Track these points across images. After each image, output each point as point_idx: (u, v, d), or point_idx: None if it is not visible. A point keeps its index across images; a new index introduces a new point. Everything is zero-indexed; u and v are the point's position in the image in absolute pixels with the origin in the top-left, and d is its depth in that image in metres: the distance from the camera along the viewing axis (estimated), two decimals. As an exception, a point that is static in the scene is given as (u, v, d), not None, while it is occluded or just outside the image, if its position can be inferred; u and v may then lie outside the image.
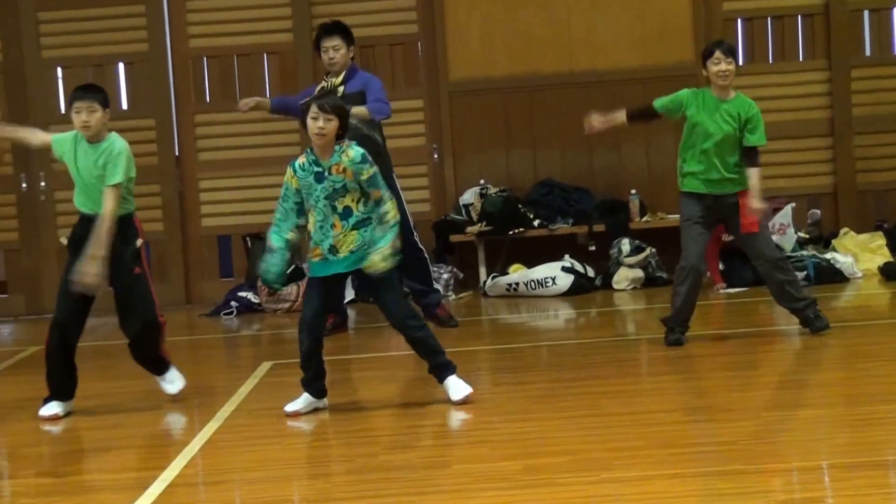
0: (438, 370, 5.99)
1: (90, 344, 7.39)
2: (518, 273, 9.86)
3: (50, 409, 6.16)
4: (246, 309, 9.93)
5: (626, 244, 9.88)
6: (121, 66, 10.88)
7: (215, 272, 10.90)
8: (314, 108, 5.77)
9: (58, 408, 6.17)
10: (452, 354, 6.17)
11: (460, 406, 5.86)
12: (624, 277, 9.77)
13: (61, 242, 6.18)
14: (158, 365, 6.43)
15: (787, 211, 9.65)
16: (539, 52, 10.55)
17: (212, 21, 10.82)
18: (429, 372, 6.03)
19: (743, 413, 5.55)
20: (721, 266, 9.35)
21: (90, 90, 6.19)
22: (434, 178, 10.73)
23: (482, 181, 10.47)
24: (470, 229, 10.20)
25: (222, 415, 6.04)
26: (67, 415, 6.20)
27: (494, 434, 5.41)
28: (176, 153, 10.83)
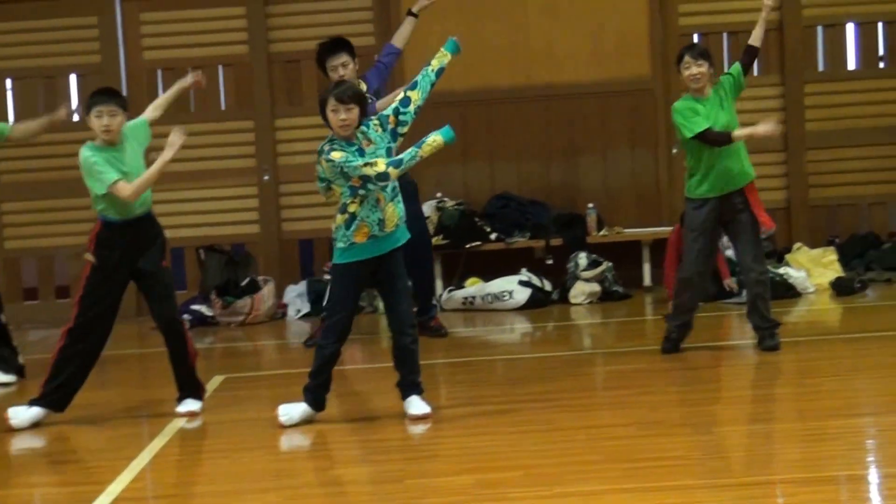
0: (408, 387, 5.93)
1: (40, 356, 7.30)
2: (474, 287, 9.84)
3: None
4: (199, 322, 9.83)
5: (583, 258, 9.88)
6: (73, 78, 10.78)
7: (168, 284, 10.78)
8: (333, 101, 5.72)
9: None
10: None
11: (413, 420, 5.82)
12: (581, 291, 9.76)
13: (87, 258, 6.11)
14: (192, 382, 6.31)
15: (742, 225, 9.67)
16: (497, 66, 10.54)
17: (166, 33, 10.74)
18: (397, 385, 5.97)
19: (696, 428, 5.55)
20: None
21: (111, 94, 6.18)
22: (391, 191, 10.67)
23: (439, 194, 10.44)
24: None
25: (172, 428, 5.97)
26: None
27: (448, 448, 5.39)
28: (129, 165, 10.72)
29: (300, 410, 5.86)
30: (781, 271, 9.42)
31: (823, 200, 10.70)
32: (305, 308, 9.98)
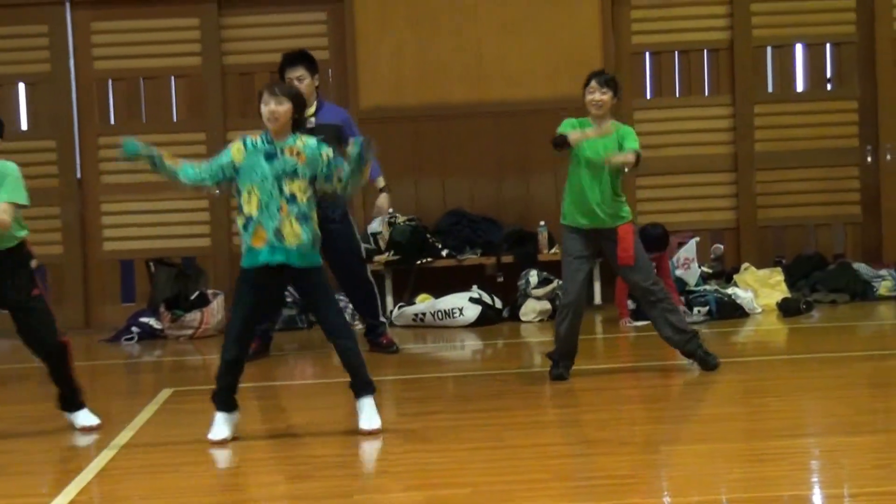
0: (361, 386, 5.91)
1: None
2: (425, 303, 9.84)
3: None
4: (147, 335, 9.77)
5: (534, 276, 9.91)
6: (21, 87, 10.69)
7: (117, 297, 10.73)
8: (265, 94, 5.79)
9: None
10: (355, 384, 6.13)
11: (363, 436, 5.82)
12: (531, 309, 9.80)
13: None
14: (72, 396, 6.26)
15: (692, 245, 9.76)
16: (450, 81, 10.57)
17: (118, 43, 10.68)
18: (350, 386, 5.95)
19: (643, 446, 5.59)
20: (631, 304, 9.32)
21: None
22: (342, 206, 10.66)
23: (391, 210, 10.42)
24: (377, 258, 10.15)
25: (119, 442, 5.93)
26: None
27: (397, 464, 5.38)
28: (78, 175, 10.65)
29: (219, 421, 5.84)
30: (730, 291, 9.50)
31: (771, 221, 10.80)
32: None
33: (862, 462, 5.11)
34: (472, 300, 9.70)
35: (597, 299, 10.24)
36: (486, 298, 9.78)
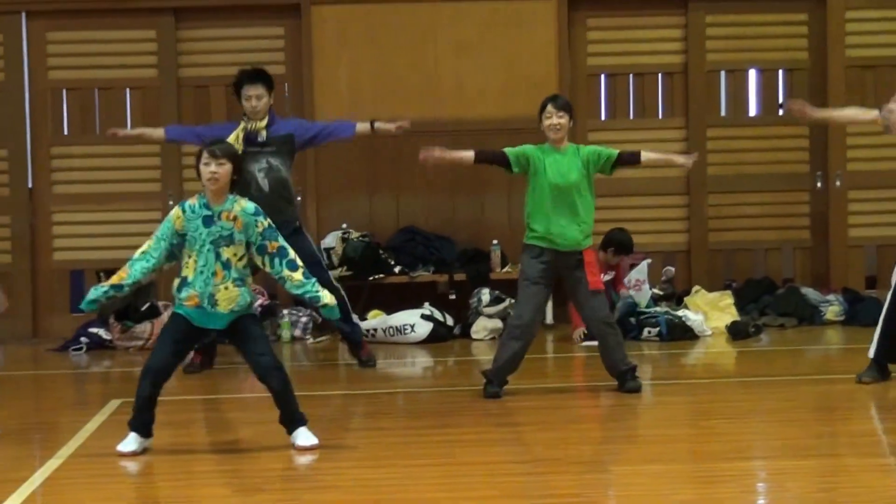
0: (292, 422, 5.94)
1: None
2: (377, 319, 9.83)
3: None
4: (96, 345, 9.69)
5: (486, 294, 9.94)
6: (-26, 96, 10.61)
7: (66, 307, 10.64)
8: (206, 155, 5.82)
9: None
10: (307, 398, 6.15)
11: (312, 451, 5.81)
12: (482, 327, 9.82)
13: None
14: None
15: (643, 267, 9.81)
16: (406, 99, 10.58)
17: (73, 53, 10.61)
18: (280, 422, 5.97)
19: (592, 466, 5.62)
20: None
21: None
22: (295, 221, 10.64)
23: (344, 225, 10.44)
24: (330, 273, 10.11)
25: (65, 451, 5.89)
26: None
27: (345, 480, 5.38)
28: (29, 185, 10.56)
29: (134, 439, 5.85)
30: (680, 314, 9.56)
31: (722, 244, 10.89)
32: (205, 335, 9.88)
33: (808, 486, 5.17)
34: (424, 317, 9.71)
35: (548, 318, 10.26)
36: (438, 316, 9.79)
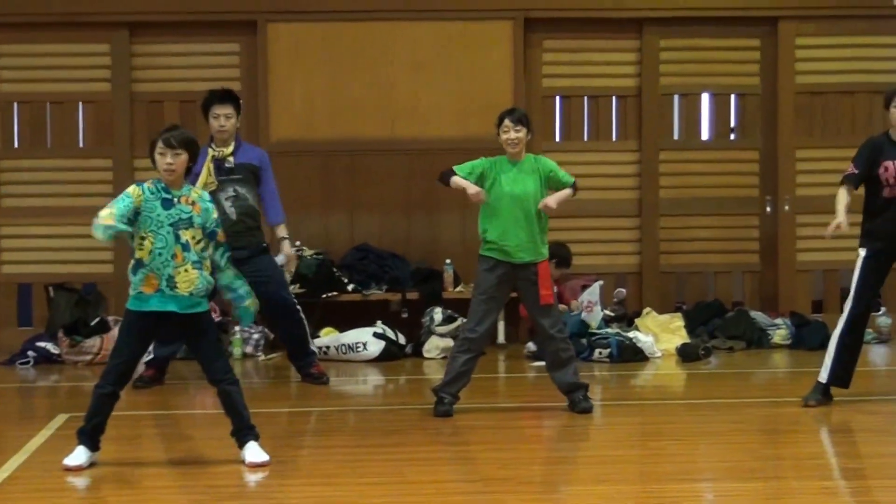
0: (242, 433, 5.94)
1: None
2: (329, 336, 9.82)
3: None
4: (44, 359, 9.60)
5: (439, 313, 9.95)
6: (-79, 110, 10.51)
7: (13, 320, 10.55)
8: (161, 145, 5.80)
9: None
10: (258, 415, 6.12)
11: (262, 467, 5.79)
12: (434, 346, 9.83)
13: None
14: None
15: (595, 288, 9.85)
16: (361, 117, 10.60)
17: (25, 66, 10.54)
18: (231, 434, 5.96)
19: (542, 486, 5.63)
20: (532, 346, 9.41)
21: None
22: (249, 237, 10.60)
23: (298, 243, 10.40)
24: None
25: (10, 466, 5.83)
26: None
27: (295, 497, 5.36)
28: (-22, 198, 10.50)
29: (83, 453, 5.81)
30: (631, 335, 9.61)
31: (673, 267, 10.97)
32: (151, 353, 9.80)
33: (754, 506, 5.21)
34: (376, 335, 9.70)
35: (500, 338, 10.29)
36: (390, 334, 9.79)
